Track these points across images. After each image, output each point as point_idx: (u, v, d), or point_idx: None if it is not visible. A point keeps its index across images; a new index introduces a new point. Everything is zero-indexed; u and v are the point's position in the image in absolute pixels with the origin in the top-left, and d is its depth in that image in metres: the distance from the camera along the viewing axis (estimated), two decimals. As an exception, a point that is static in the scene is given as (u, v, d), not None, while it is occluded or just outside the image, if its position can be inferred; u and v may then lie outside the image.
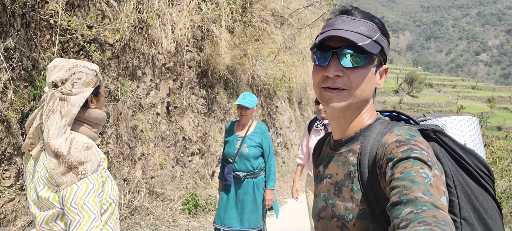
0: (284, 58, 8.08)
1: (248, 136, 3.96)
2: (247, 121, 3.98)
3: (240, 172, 3.95)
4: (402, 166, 0.93)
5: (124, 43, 5.14)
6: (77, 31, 4.40)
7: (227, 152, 4.05)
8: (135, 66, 5.41)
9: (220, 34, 6.05)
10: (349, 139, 1.17)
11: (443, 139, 1.12)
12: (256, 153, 3.93)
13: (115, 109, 5.00)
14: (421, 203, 0.83)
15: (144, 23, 5.47)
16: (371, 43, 1.07)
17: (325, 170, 1.24)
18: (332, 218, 1.15)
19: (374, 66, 1.12)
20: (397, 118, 1.28)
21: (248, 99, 3.87)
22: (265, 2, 7.36)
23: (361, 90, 1.10)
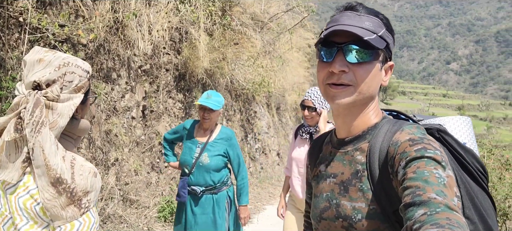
0: (263, 63, 8.00)
1: (210, 142, 3.26)
2: (210, 126, 3.29)
3: (197, 186, 3.26)
4: (415, 166, 0.91)
5: (99, 43, 4.93)
6: (48, 30, 4.18)
7: (182, 160, 3.34)
8: (110, 68, 5.20)
9: (198, 37, 5.91)
10: (355, 137, 1.14)
11: (447, 138, 1.12)
12: (219, 164, 3.25)
13: (88, 113, 4.78)
14: (434, 204, 0.81)
15: (119, 24, 5.27)
16: (377, 38, 1.06)
17: (327, 169, 1.21)
18: (336, 219, 1.12)
19: (379, 62, 1.10)
20: (396, 117, 1.26)
21: (213, 99, 3.20)
22: (244, 5, 7.27)
23: (367, 86, 1.08)
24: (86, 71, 1.32)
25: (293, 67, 10.27)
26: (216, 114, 3.25)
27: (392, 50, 1.14)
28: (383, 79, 1.14)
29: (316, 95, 3.20)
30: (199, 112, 3.25)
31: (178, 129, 3.52)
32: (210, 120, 3.21)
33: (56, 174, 1.16)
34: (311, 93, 3.23)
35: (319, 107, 3.19)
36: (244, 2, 7.22)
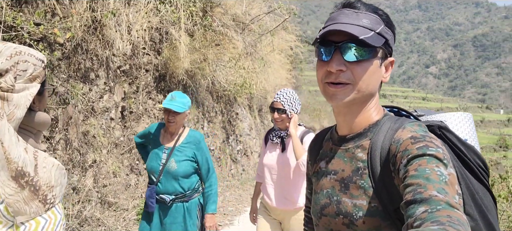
0: (245, 64, 7.99)
1: (177, 147, 3.07)
2: (176, 129, 3.10)
3: (166, 195, 3.05)
4: (417, 163, 0.92)
5: (76, 43, 4.83)
6: (23, 29, 4.07)
7: (149, 167, 3.14)
8: (88, 68, 5.10)
9: (179, 37, 5.86)
10: (357, 135, 1.14)
11: (448, 135, 1.12)
12: (188, 169, 3.06)
13: (65, 113, 4.67)
14: (435, 202, 0.82)
15: (98, 23, 5.18)
16: (374, 35, 1.06)
17: (328, 166, 1.21)
18: (337, 215, 1.13)
19: (378, 59, 1.09)
20: (397, 113, 1.26)
21: (177, 101, 3.00)
22: (226, 6, 7.25)
23: (366, 84, 1.08)
24: (40, 60, 1.27)
25: (275, 69, 10.29)
26: (182, 117, 3.06)
27: (392, 46, 1.13)
28: (383, 76, 1.14)
29: (286, 97, 3.02)
30: (164, 115, 3.08)
31: (144, 133, 3.34)
32: (175, 123, 3.03)
33: (18, 166, 1.11)
34: (281, 95, 3.05)
35: (289, 109, 3.00)
36: (225, 3, 7.20)
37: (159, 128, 3.22)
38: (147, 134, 3.27)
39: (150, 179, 3.15)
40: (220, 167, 8.30)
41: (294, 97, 3.04)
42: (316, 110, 21.10)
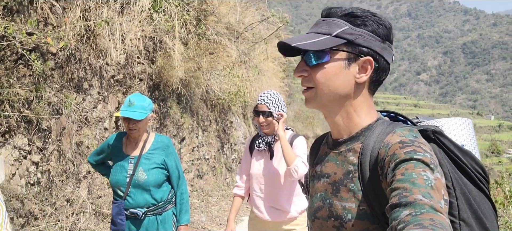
0: (239, 72, 7.98)
1: (144, 155, 2.79)
2: (139, 136, 2.81)
3: (137, 208, 2.76)
4: (404, 168, 0.92)
5: (69, 52, 4.78)
6: (15, 38, 4.01)
7: (114, 181, 2.82)
8: (81, 77, 5.04)
9: (173, 46, 5.83)
10: (349, 138, 1.15)
11: (443, 140, 1.11)
12: (159, 178, 2.78)
13: (58, 124, 4.61)
14: (420, 205, 0.82)
15: (91, 32, 5.13)
16: (327, 39, 1.09)
17: (322, 169, 1.22)
18: (329, 218, 1.14)
19: (341, 61, 1.10)
20: (394, 118, 1.25)
21: (137, 106, 2.69)
22: (219, 15, 7.24)
23: (326, 86, 1.12)
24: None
25: (269, 77, 10.30)
26: (144, 123, 2.78)
27: (367, 45, 1.10)
28: (355, 77, 1.12)
29: (271, 98, 2.73)
30: (124, 124, 2.78)
31: (102, 147, 2.99)
32: (137, 130, 2.75)
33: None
34: (265, 96, 2.75)
35: (276, 110, 2.72)
36: (219, 11, 7.19)
37: (119, 137, 2.92)
38: (106, 148, 2.96)
39: (116, 195, 2.84)
40: (215, 176, 8.23)
41: (278, 98, 2.76)
42: (309, 117, 21.13)
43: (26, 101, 4.15)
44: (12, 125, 3.98)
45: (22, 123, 4.11)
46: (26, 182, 4.12)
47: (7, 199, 3.81)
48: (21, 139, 4.08)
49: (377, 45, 1.11)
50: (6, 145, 3.93)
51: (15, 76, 4.08)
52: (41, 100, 4.33)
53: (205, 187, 7.57)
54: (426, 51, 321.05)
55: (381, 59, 1.12)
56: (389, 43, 1.14)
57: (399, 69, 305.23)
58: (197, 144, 7.62)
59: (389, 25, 1.15)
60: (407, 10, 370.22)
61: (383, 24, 1.13)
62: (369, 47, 1.10)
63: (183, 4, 6.17)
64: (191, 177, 7.36)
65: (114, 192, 2.86)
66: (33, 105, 4.24)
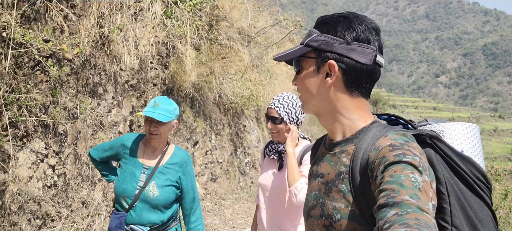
0: (252, 76, 8.04)
1: (160, 168, 2.49)
2: (160, 144, 2.51)
3: (139, 226, 2.45)
4: (392, 170, 0.95)
5: (84, 58, 4.92)
6: (32, 45, 4.16)
7: (120, 190, 2.49)
8: (96, 83, 5.18)
9: (185, 51, 5.92)
10: (344, 140, 1.18)
11: (439, 145, 1.12)
12: (170, 197, 2.49)
13: (74, 128, 4.74)
14: (406, 205, 0.83)
15: (105, 39, 5.27)
16: (298, 49, 1.19)
17: (318, 169, 1.26)
18: (320, 217, 1.17)
19: (312, 67, 1.18)
20: (395, 121, 1.27)
21: (162, 108, 2.42)
22: (231, 20, 7.32)
23: (305, 92, 1.21)
24: None
25: (282, 81, 10.33)
26: (168, 128, 2.48)
27: (330, 49, 1.13)
28: (324, 81, 1.16)
29: (283, 102, 2.44)
30: (145, 126, 2.48)
31: (113, 144, 2.64)
32: (159, 136, 2.45)
33: None
34: (276, 100, 2.47)
35: (287, 118, 2.41)
36: (231, 16, 7.28)
37: (137, 139, 2.60)
38: (119, 146, 2.61)
39: (119, 204, 2.52)
40: (228, 180, 8.29)
41: (293, 103, 2.43)
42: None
43: (43, 106, 4.29)
44: (29, 129, 4.12)
45: (39, 127, 4.25)
46: (43, 185, 4.25)
47: (25, 201, 3.95)
48: (38, 142, 4.22)
49: (341, 47, 1.12)
50: (24, 148, 4.06)
51: (32, 82, 4.22)
52: (57, 105, 4.47)
53: (218, 190, 7.64)
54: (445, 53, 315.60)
55: (348, 60, 1.12)
56: (361, 44, 1.13)
57: (417, 72, 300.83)
58: (210, 148, 7.70)
59: (363, 26, 1.15)
60: (425, 12, 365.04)
61: (352, 26, 1.14)
62: (332, 51, 1.13)
63: (195, 10, 6.27)
64: (204, 180, 7.43)
65: (117, 200, 2.53)
66: (50, 110, 4.38)
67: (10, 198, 3.78)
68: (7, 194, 3.77)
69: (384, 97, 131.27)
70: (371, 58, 1.13)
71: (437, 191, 1.06)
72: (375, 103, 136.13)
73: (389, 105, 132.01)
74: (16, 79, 4.01)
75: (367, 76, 1.15)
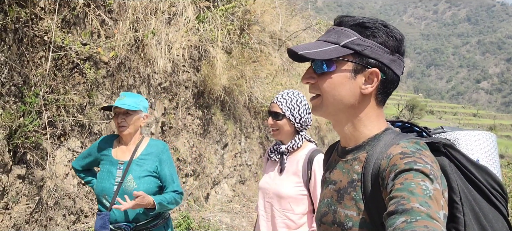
0: (282, 80, 8.06)
1: (135, 160, 2.47)
2: (130, 136, 2.50)
3: (124, 223, 2.41)
4: (403, 177, 0.94)
5: (120, 61, 5.10)
6: (71, 49, 4.36)
7: (99, 189, 2.49)
8: (130, 85, 5.35)
9: (216, 55, 6.03)
10: (356, 147, 1.17)
11: (454, 153, 1.09)
12: (151, 187, 2.45)
13: (108, 128, 4.92)
14: (416, 213, 0.82)
15: (140, 42, 5.44)
16: (334, 49, 1.10)
17: (330, 176, 1.25)
18: (332, 224, 1.16)
19: (349, 71, 1.11)
20: (409, 129, 1.26)
21: (127, 100, 2.45)
22: (263, 24, 7.38)
23: (332, 95, 1.13)
24: None
25: (313, 85, 10.28)
26: (136, 119, 2.48)
27: (374, 57, 1.11)
28: (361, 88, 1.13)
29: (286, 98, 2.25)
30: (114, 120, 2.50)
31: (90, 150, 2.66)
32: (127, 127, 2.45)
33: None
34: (280, 95, 2.29)
35: (289, 114, 2.22)
36: (262, 20, 7.34)
37: (110, 139, 2.63)
38: (93, 151, 2.62)
39: (101, 204, 2.50)
40: (257, 182, 8.34)
41: (297, 99, 2.25)
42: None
43: (79, 106, 4.48)
44: (67, 129, 4.32)
45: (76, 127, 4.45)
46: (78, 182, 4.44)
47: (61, 197, 4.14)
48: (74, 141, 4.42)
49: (386, 57, 1.11)
50: (61, 146, 4.27)
51: (70, 84, 4.43)
52: (93, 106, 4.66)
53: (246, 193, 7.70)
54: (487, 58, 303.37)
55: (389, 71, 1.12)
56: (399, 56, 1.14)
57: (457, 77, 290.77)
58: (240, 150, 7.77)
59: (400, 37, 1.14)
60: (466, 15, 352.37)
61: (393, 36, 1.13)
62: (376, 59, 1.11)
63: (227, 15, 6.36)
64: (233, 182, 7.51)
65: (99, 201, 2.52)
66: (86, 111, 4.58)
67: (47, 193, 3.97)
68: (44, 190, 3.97)
69: (421, 103, 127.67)
70: (402, 71, 1.16)
71: (450, 200, 1.04)
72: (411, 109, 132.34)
73: (426, 111, 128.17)
74: (55, 81, 4.21)
75: (395, 88, 1.17)
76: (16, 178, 3.73)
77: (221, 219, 5.96)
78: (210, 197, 6.72)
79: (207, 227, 5.65)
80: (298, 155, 2.30)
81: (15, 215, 3.67)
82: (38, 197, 3.91)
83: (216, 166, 6.89)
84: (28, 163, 3.87)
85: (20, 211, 3.72)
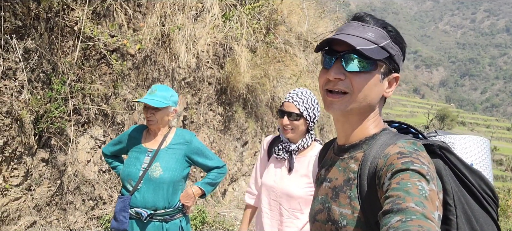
0: (307, 82, 8.02)
1: (163, 149, 2.57)
2: (158, 128, 2.62)
3: (143, 208, 2.50)
4: (399, 177, 0.94)
5: (146, 54, 5.22)
6: (99, 40, 4.50)
7: (125, 174, 2.59)
8: (155, 78, 5.47)
9: (241, 53, 6.07)
10: (352, 146, 1.17)
11: (449, 156, 1.11)
12: (176, 176, 2.54)
13: (131, 119, 5.05)
14: (411, 212, 0.83)
15: (166, 37, 5.55)
16: (376, 49, 1.08)
17: (326, 174, 1.24)
18: (327, 222, 1.16)
19: (380, 73, 1.12)
20: (406, 130, 1.26)
21: (157, 95, 2.53)
22: (290, 24, 7.37)
23: (363, 95, 1.11)
24: None
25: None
26: (164, 114, 2.58)
27: (398, 62, 1.15)
28: (385, 91, 1.16)
29: (302, 97, 2.22)
30: (144, 112, 2.62)
31: (121, 137, 2.77)
32: (156, 122, 2.55)
33: None
34: (294, 94, 2.25)
35: (306, 113, 2.20)
36: (289, 21, 7.33)
37: (140, 129, 2.75)
38: (124, 138, 2.74)
39: (124, 188, 2.61)
40: (276, 182, 8.35)
41: (311, 99, 2.24)
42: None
43: (104, 96, 4.62)
44: (91, 117, 4.46)
45: (100, 116, 4.58)
46: (98, 169, 4.58)
47: (81, 182, 4.28)
48: (98, 129, 4.55)
49: (400, 62, 1.16)
50: (84, 134, 4.41)
51: (97, 74, 4.57)
52: (117, 96, 4.79)
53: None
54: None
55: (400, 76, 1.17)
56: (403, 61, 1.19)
57: (492, 89, 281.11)
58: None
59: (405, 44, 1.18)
60: (505, 25, 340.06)
61: (403, 42, 1.16)
62: (398, 64, 1.14)
63: (254, 13, 6.40)
64: (251, 181, 7.55)
65: (123, 185, 2.62)
66: (111, 101, 4.71)
67: (68, 178, 4.12)
68: (66, 174, 4.11)
69: (452, 113, 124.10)
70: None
71: (444, 202, 1.06)
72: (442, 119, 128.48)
73: (458, 122, 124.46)
74: (82, 70, 4.36)
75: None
76: (40, 161, 3.89)
77: (236, 216, 6.01)
78: (227, 193, 6.78)
79: (222, 222, 5.71)
80: (307, 155, 2.28)
81: (37, 196, 3.82)
82: (59, 181, 4.06)
83: (235, 162, 6.94)
84: (52, 148, 4.02)
85: (41, 193, 3.87)
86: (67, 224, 4.07)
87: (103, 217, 4.39)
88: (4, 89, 3.47)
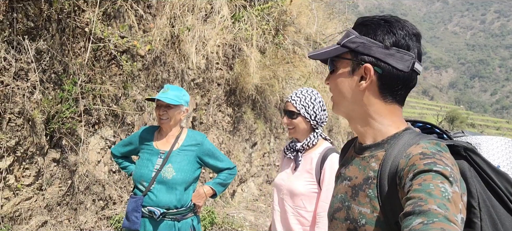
0: (316, 83, 8.00)
1: (175, 151, 2.59)
2: (170, 128, 2.62)
3: (156, 207, 2.53)
4: (421, 178, 0.92)
5: (155, 55, 5.24)
6: (110, 41, 4.52)
7: (138, 175, 2.61)
8: (164, 79, 5.48)
9: (250, 53, 6.07)
10: (374, 145, 1.16)
11: (474, 157, 1.07)
12: (188, 177, 2.57)
13: (141, 119, 5.07)
14: (433, 214, 0.81)
15: (176, 38, 5.57)
16: (334, 49, 1.16)
17: (346, 172, 1.24)
18: (345, 220, 1.16)
19: (347, 68, 1.15)
20: (430, 130, 1.23)
21: (170, 93, 2.55)
22: (299, 25, 7.36)
23: (337, 93, 1.19)
24: None
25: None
26: (177, 113, 2.59)
27: (368, 53, 1.11)
28: (358, 84, 1.14)
29: (300, 96, 2.27)
30: (155, 111, 2.63)
31: (132, 139, 2.78)
32: (168, 120, 2.56)
33: None
34: (294, 93, 2.31)
35: (304, 111, 2.24)
36: (298, 22, 7.31)
37: (151, 130, 2.75)
38: (135, 140, 2.74)
39: (137, 189, 2.63)
40: (284, 184, 8.33)
41: (312, 97, 2.27)
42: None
43: (114, 97, 4.64)
44: (101, 117, 4.48)
45: (110, 116, 4.61)
46: (108, 170, 4.60)
47: (92, 182, 4.31)
48: (108, 130, 4.58)
49: (379, 51, 1.10)
50: (94, 134, 4.43)
51: (107, 74, 4.59)
52: (127, 97, 4.81)
53: (273, 193, 7.70)
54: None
55: (385, 66, 1.09)
56: (399, 49, 1.10)
57: (502, 90, 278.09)
58: (268, 150, 7.78)
59: (403, 33, 1.11)
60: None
61: (392, 31, 1.11)
62: (369, 54, 1.11)
63: (263, 14, 6.39)
64: (260, 182, 7.54)
65: (136, 186, 2.65)
66: (121, 101, 4.73)
67: (78, 178, 4.14)
68: (76, 174, 4.14)
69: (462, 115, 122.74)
70: (409, 65, 1.10)
71: (468, 205, 1.02)
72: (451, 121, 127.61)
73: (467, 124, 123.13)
74: (93, 71, 4.38)
75: (402, 83, 1.12)
76: (51, 161, 3.91)
77: (245, 217, 6.00)
78: (236, 194, 6.77)
79: (231, 223, 5.71)
80: (313, 153, 2.30)
81: (48, 196, 3.85)
82: (70, 181, 4.08)
83: (243, 164, 6.94)
84: (63, 148, 4.05)
85: (53, 193, 3.90)
86: (77, 224, 4.09)
87: (113, 217, 4.41)
88: (16, 89, 3.50)
